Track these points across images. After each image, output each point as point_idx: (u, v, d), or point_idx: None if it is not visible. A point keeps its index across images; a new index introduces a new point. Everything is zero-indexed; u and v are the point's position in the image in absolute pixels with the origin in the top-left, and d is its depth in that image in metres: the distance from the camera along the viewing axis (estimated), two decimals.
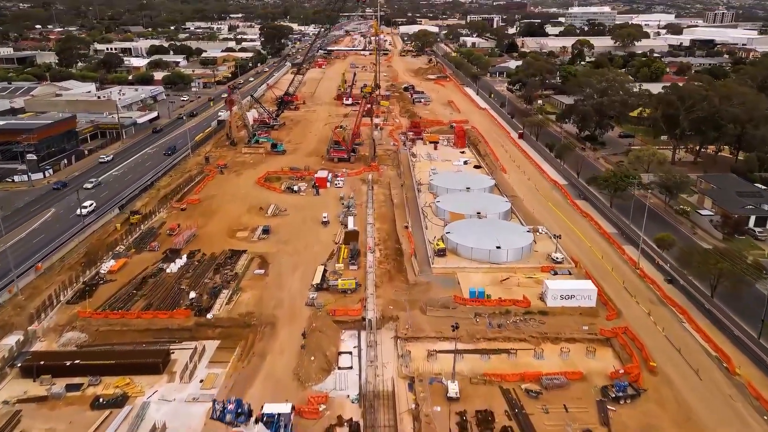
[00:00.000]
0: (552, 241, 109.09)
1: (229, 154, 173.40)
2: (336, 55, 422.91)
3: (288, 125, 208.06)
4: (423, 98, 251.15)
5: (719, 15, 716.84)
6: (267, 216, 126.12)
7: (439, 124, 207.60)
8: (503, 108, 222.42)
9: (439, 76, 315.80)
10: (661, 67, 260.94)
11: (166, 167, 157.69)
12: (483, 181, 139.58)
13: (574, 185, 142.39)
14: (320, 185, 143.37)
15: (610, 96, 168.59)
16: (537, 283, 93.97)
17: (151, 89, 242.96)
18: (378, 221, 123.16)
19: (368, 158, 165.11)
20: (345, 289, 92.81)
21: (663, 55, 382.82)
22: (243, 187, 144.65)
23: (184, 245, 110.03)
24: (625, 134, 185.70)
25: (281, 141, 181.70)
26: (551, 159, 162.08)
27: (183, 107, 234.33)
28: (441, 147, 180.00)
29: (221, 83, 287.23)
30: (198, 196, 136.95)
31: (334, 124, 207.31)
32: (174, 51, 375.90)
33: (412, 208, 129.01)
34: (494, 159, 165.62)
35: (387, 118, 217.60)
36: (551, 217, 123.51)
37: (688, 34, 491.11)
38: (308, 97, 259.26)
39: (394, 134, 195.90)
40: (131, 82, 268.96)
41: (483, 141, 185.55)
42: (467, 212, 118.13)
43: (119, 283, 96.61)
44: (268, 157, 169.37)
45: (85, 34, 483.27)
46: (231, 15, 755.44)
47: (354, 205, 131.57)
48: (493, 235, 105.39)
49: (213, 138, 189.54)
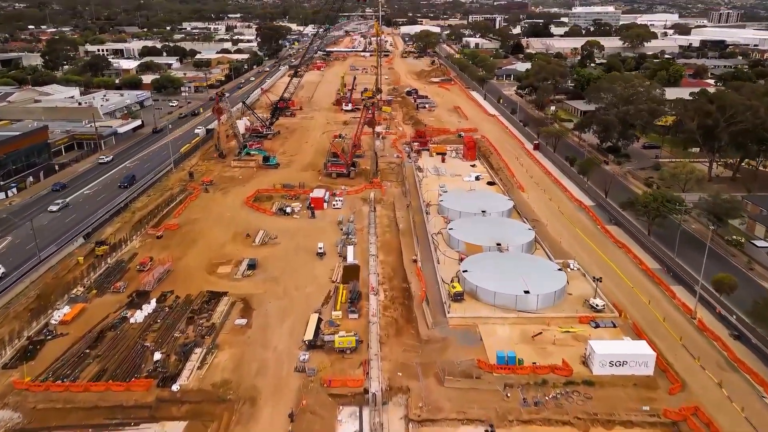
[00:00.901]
0: (586, 278, 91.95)
1: (217, 167, 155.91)
2: (335, 56, 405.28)
3: (283, 134, 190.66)
4: (427, 103, 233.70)
5: (724, 15, 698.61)
6: (254, 245, 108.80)
7: (446, 133, 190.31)
8: (514, 115, 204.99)
9: (443, 79, 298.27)
10: (679, 70, 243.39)
11: (137, 190, 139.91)
12: (500, 202, 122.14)
13: (602, 207, 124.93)
14: (316, 206, 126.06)
15: (636, 104, 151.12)
16: (577, 340, 76.66)
17: (137, 94, 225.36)
18: (382, 252, 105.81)
19: (370, 173, 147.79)
20: (343, 348, 75.51)
21: (674, 56, 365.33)
22: (229, 208, 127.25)
23: (155, 285, 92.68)
24: (650, 145, 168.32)
25: (274, 153, 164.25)
26: (573, 175, 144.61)
27: (171, 113, 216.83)
28: (449, 159, 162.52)
29: (214, 87, 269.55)
30: (177, 221, 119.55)
31: (333, 133, 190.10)
32: (167, 52, 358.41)
33: (420, 235, 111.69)
34: (509, 174, 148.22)
35: (390, 126, 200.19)
36: (581, 248, 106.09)
37: (696, 34, 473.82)
38: (305, 102, 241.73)
39: (397, 144, 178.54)
40: (119, 87, 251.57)
41: (495, 153, 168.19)
42: (485, 243, 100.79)
43: (71, 338, 79.34)
44: (259, 172, 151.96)
45: (78, 34, 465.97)
46: (229, 15, 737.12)
47: (354, 231, 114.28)
48: (518, 275, 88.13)
49: (200, 149, 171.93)
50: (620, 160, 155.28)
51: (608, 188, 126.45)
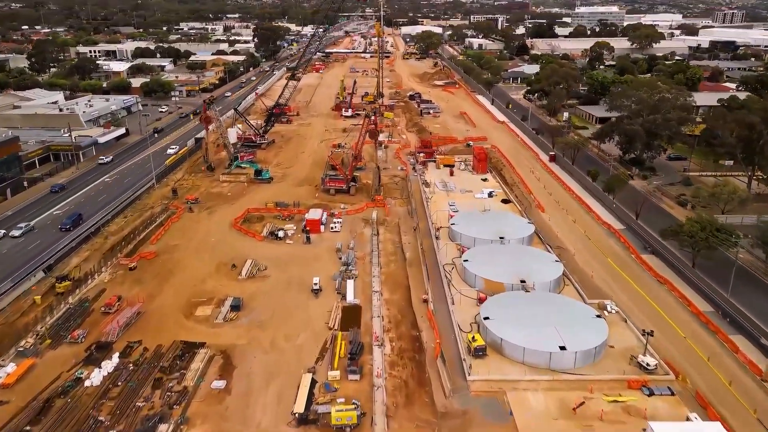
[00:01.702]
0: (628, 324, 77.30)
1: (205, 182, 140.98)
2: (335, 57, 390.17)
3: (278, 143, 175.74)
4: (432, 109, 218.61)
5: (729, 15, 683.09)
6: (240, 279, 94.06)
7: (453, 142, 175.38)
8: (526, 122, 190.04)
9: (447, 82, 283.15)
10: (698, 74, 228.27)
11: (114, 210, 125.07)
12: (519, 225, 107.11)
13: (633, 231, 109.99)
14: (312, 229, 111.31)
15: (664, 113, 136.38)
16: (628, 413, 61.86)
17: (124, 99, 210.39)
18: (387, 288, 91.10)
19: (372, 188, 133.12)
20: (342, 426, 60.75)
21: (684, 57, 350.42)
22: (215, 231, 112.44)
23: (120, 333, 77.97)
24: (676, 156, 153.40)
25: (267, 165, 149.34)
26: (596, 191, 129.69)
27: (160, 119, 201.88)
28: (458, 172, 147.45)
29: (207, 90, 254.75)
30: (155, 247, 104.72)
31: (331, 142, 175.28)
32: (161, 54, 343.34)
33: (430, 264, 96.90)
34: (525, 190, 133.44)
35: (392, 134, 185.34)
36: (616, 284, 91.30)
37: (704, 35, 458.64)
38: (303, 108, 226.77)
39: (401, 155, 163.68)
40: (106, 91, 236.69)
41: (507, 165, 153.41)
42: (507, 280, 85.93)
43: (12, 408, 64.64)
44: (250, 187, 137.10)
45: (72, 35, 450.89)
46: (228, 15, 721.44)
47: (354, 260, 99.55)
48: (549, 323, 73.40)
49: (187, 161, 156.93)
50: (645, 173, 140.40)
51: (639, 210, 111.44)
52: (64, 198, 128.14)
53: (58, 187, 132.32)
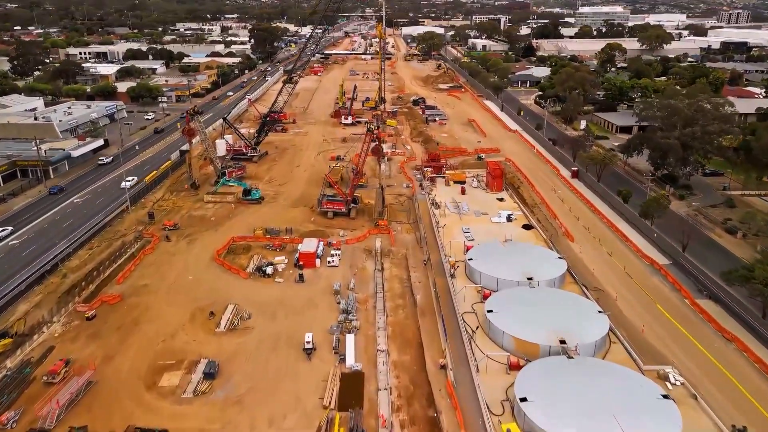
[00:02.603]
0: (698, 402, 60.76)
1: (187, 203, 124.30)
2: (334, 59, 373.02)
3: (271, 154, 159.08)
4: (437, 116, 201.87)
5: (734, 15, 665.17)
6: (218, 332, 77.48)
7: (463, 154, 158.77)
8: (540, 131, 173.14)
9: (452, 86, 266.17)
10: (721, 77, 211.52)
11: (85, 232, 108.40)
12: (547, 261, 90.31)
13: (681, 267, 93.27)
14: (306, 264, 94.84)
15: (704, 125, 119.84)
16: None
17: (107, 106, 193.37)
18: (395, 345, 74.59)
19: (374, 210, 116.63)
20: None
21: (697, 59, 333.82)
22: (193, 266, 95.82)
23: (61, 416, 61.36)
24: (712, 171, 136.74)
25: (258, 183, 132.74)
26: (630, 216, 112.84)
27: (145, 128, 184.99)
28: (470, 189, 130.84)
29: (199, 95, 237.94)
30: (121, 288, 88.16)
31: (330, 154, 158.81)
32: (153, 56, 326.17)
33: (447, 314, 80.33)
34: (549, 213, 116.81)
35: (396, 144, 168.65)
36: (674, 342, 74.62)
37: (713, 35, 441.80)
38: (300, 114, 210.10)
39: (406, 169, 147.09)
40: (91, 96, 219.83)
41: (525, 181, 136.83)
42: (544, 340, 69.25)
43: None
44: (238, 209, 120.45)
45: (65, 36, 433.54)
46: (226, 15, 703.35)
47: (355, 306, 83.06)
48: (603, 404, 56.94)
49: (170, 177, 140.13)
50: (681, 193, 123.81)
51: (687, 241, 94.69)
52: (25, 223, 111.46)
53: (57, 189, 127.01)
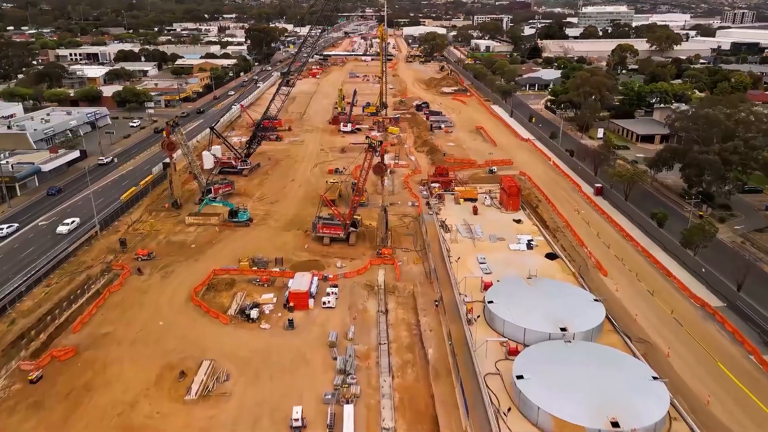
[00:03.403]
0: None
1: (167, 225, 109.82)
2: (333, 61, 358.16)
3: (264, 167, 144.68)
4: (443, 122, 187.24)
5: (740, 15, 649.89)
6: (188, 400, 63.04)
7: (472, 166, 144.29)
8: (554, 140, 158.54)
9: (457, 89, 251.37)
10: (744, 82, 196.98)
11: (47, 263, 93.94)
12: (582, 307, 75.18)
13: (738, 310, 78.74)
14: (297, 305, 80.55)
15: (747, 138, 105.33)
16: None
17: (89, 112, 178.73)
18: (404, 420, 60.22)
19: (376, 235, 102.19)
20: None
21: (710, 61, 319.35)
22: (166, 308, 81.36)
23: None
24: (751, 188, 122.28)
25: (245, 204, 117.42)
26: (668, 243, 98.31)
27: (128, 137, 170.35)
28: (482, 207, 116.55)
29: (190, 99, 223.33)
30: (77, 338, 73.73)
31: (328, 166, 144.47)
32: (146, 57, 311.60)
33: (465, 375, 65.89)
34: (575, 239, 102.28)
35: (399, 155, 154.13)
36: (744, 413, 60.25)
37: (722, 36, 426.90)
38: (296, 120, 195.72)
39: (411, 184, 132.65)
40: (75, 101, 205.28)
41: (543, 198, 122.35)
42: (590, 422, 54.62)
43: None
44: (223, 234, 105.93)
45: (58, 36, 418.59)
46: (224, 15, 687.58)
47: (355, 362, 68.68)
48: None
49: (149, 195, 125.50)
50: (721, 214, 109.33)
51: (743, 280, 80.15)
52: None
53: (55, 190, 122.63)
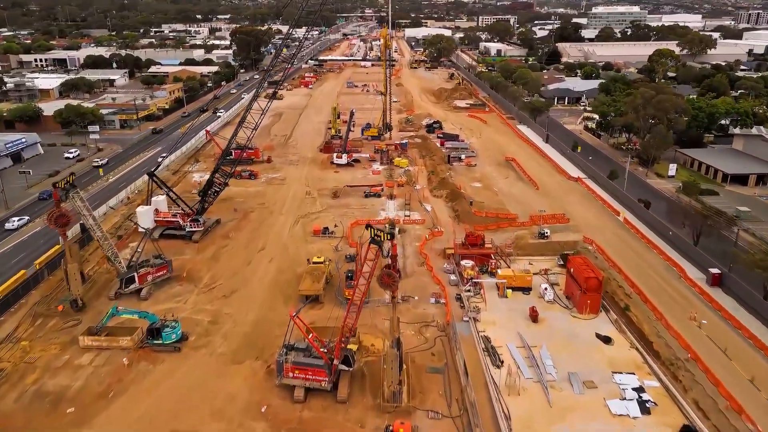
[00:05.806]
0: None
1: (50, 350, 67.01)
2: (329, 66, 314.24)
3: (224, 224, 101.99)
4: (463, 151, 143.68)
5: (754, 15, 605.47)
6: None
7: (512, 224, 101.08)
8: (615, 181, 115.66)
9: (473, 103, 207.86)
10: None
11: None
12: None
13: None
14: None
15: None
16: None
17: (11, 141, 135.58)
18: None
19: (381, 376, 59.64)
20: None
21: (751, 67, 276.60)
22: None
23: None
24: None
25: (183, 303, 74.84)
26: None
27: (58, 173, 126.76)
28: (540, 304, 74.65)
29: (155, 118, 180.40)
30: None
31: (313, 222, 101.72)
32: (117, 63, 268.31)
33: None
34: (708, 378, 59.74)
35: (410, 203, 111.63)
36: None
37: (752, 38, 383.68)
38: (280, 146, 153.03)
39: (429, 256, 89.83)
40: (10, 122, 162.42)
41: (631, 289, 79.38)
42: None
43: None
44: (134, 370, 63.25)
45: (31, 39, 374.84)
46: (218, 16, 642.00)
47: None
48: None
49: (43, 283, 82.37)
50: None
51: None
52: None
53: (47, 194, 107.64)
